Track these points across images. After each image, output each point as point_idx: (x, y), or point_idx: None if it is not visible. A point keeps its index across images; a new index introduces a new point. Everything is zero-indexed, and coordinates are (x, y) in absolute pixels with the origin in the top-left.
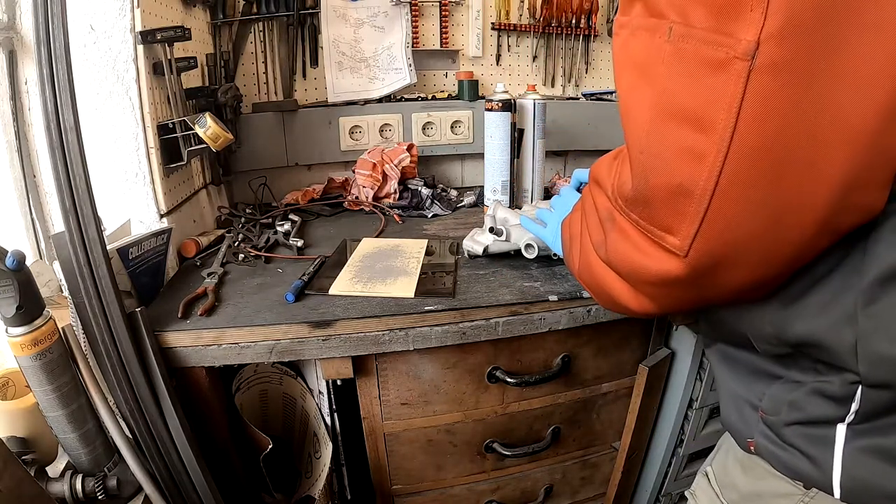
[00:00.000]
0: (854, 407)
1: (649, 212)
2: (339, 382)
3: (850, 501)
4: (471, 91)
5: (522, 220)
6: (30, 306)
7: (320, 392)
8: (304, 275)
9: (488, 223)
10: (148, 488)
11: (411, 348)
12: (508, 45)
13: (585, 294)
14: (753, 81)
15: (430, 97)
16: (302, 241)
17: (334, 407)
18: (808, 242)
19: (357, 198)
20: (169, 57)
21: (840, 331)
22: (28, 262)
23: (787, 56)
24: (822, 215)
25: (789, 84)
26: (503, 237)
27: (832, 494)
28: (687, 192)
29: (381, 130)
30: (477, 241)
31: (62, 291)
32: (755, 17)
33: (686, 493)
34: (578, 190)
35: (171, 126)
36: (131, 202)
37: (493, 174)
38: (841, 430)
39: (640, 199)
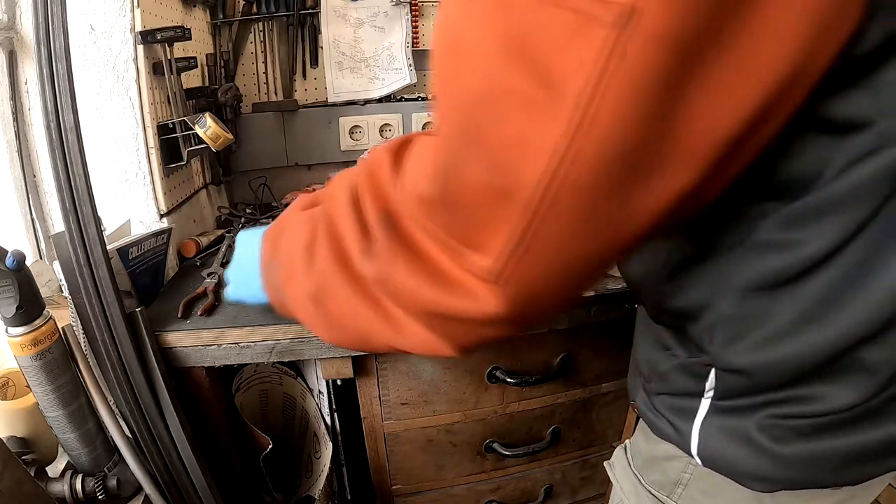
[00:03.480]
0: (709, 385)
1: (449, 218)
2: (339, 382)
3: (711, 468)
4: None
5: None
6: (30, 306)
7: (320, 392)
8: None
9: None
10: (148, 488)
11: None
12: None
13: (585, 294)
14: (623, 49)
15: (430, 97)
16: None
17: (334, 407)
18: (620, 255)
19: None
20: (169, 57)
21: (706, 310)
22: (28, 262)
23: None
24: (645, 230)
25: (671, 56)
26: None
27: (695, 461)
28: (504, 193)
29: (381, 130)
30: None
31: (62, 291)
32: None
33: (605, 464)
34: None
35: (171, 126)
36: (131, 202)
37: None
38: (704, 403)
39: (437, 198)
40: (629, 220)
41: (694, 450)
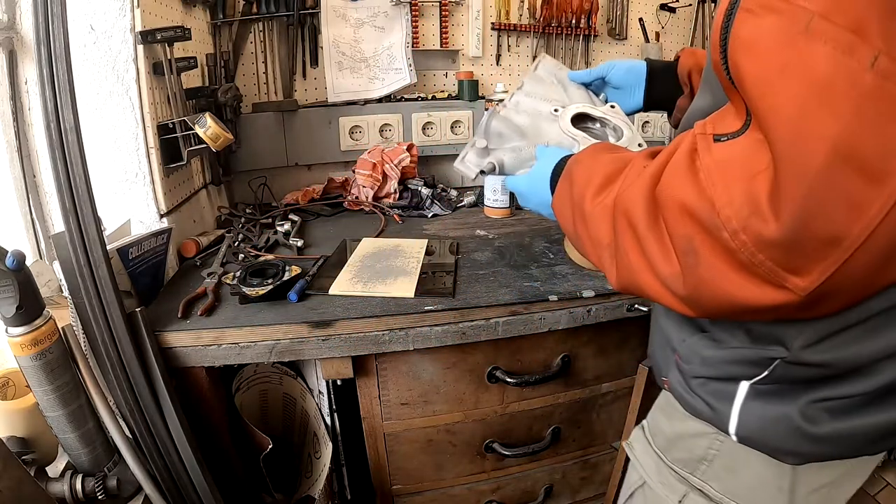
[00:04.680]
0: (765, 373)
1: (786, 256)
2: (339, 382)
3: (747, 445)
4: (471, 91)
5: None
6: (30, 306)
7: (320, 392)
8: (307, 275)
9: (479, 141)
10: (148, 488)
11: (411, 348)
12: (508, 45)
13: (585, 294)
14: None
15: (430, 97)
16: (302, 241)
17: (334, 407)
18: None
19: (357, 198)
20: (169, 57)
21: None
22: (28, 262)
23: None
24: None
25: None
26: (497, 172)
27: (731, 438)
28: (835, 242)
29: (381, 130)
30: (468, 167)
31: (62, 291)
32: None
33: (623, 444)
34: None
35: (171, 126)
36: (131, 202)
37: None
38: (743, 386)
39: (786, 244)
40: None
41: (732, 429)
